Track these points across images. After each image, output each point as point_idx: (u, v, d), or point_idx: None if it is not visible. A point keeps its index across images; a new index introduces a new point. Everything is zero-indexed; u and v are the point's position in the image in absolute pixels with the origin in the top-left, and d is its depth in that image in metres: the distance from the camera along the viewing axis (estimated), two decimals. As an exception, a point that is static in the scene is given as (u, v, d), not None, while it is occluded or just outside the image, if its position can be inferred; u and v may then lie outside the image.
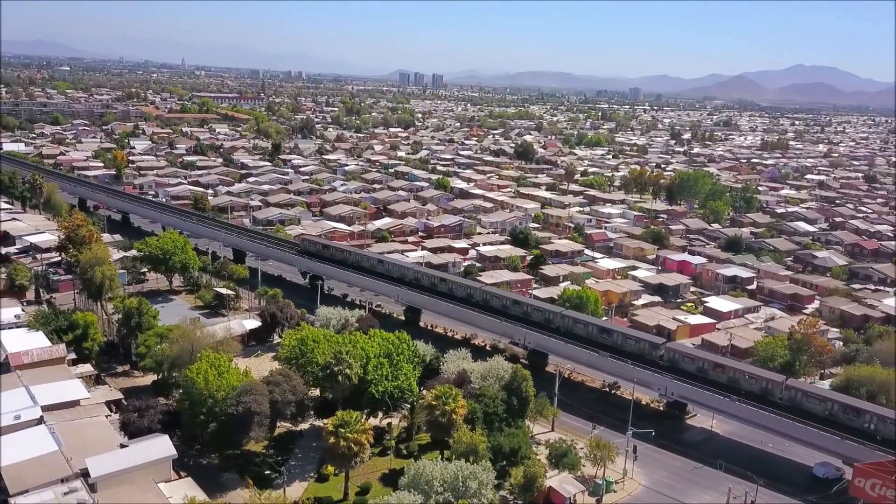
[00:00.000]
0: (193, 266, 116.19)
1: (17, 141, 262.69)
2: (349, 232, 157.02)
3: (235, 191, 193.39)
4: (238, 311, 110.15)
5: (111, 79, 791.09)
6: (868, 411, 72.03)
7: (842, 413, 72.70)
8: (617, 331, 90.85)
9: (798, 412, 74.50)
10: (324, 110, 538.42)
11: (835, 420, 72.78)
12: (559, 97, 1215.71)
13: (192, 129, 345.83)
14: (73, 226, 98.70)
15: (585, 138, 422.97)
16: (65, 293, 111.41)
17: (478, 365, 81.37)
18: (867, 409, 72.75)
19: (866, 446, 69.21)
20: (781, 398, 76.67)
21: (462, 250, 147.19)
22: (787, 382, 78.00)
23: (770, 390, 77.65)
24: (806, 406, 74.83)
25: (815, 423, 72.93)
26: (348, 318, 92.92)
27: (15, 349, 79.73)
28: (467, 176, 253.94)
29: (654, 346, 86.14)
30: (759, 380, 78.99)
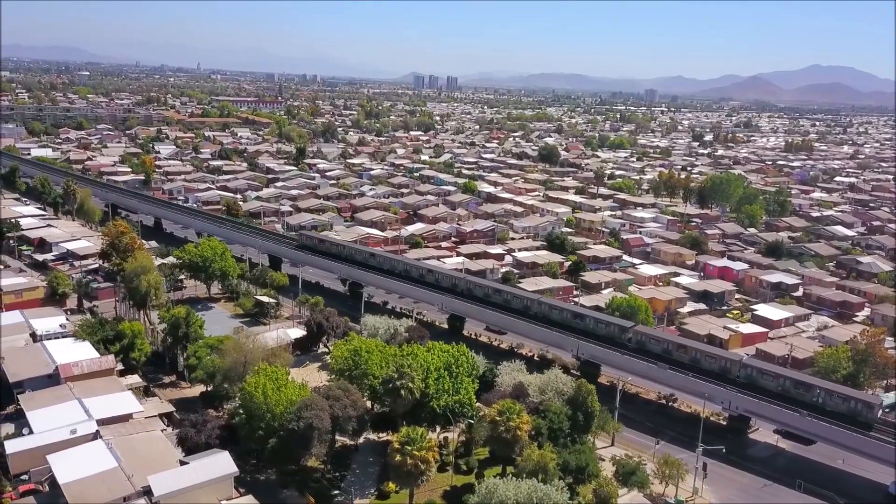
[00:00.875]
0: (232, 273, 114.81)
1: (44, 146, 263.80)
2: (383, 238, 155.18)
3: (264, 196, 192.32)
4: (279, 320, 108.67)
5: (130, 83, 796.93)
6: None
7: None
8: (691, 346, 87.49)
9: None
10: (342, 114, 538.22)
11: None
12: (574, 99, 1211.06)
13: (215, 133, 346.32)
14: (117, 233, 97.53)
15: (608, 141, 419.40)
16: (104, 301, 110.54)
17: (534, 377, 79.14)
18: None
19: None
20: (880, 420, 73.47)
21: (498, 256, 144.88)
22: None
23: (858, 411, 73.66)
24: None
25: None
26: (397, 327, 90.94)
27: (64, 360, 78.51)
28: (493, 179, 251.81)
29: (727, 362, 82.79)
30: (848, 399, 74.83)
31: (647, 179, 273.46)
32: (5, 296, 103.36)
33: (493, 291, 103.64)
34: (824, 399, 75.02)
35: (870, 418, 73.01)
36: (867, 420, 72.80)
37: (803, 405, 75.02)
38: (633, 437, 78.82)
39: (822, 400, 75.17)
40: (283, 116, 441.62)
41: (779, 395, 77.01)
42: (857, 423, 72.51)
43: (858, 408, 73.84)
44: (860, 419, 73.01)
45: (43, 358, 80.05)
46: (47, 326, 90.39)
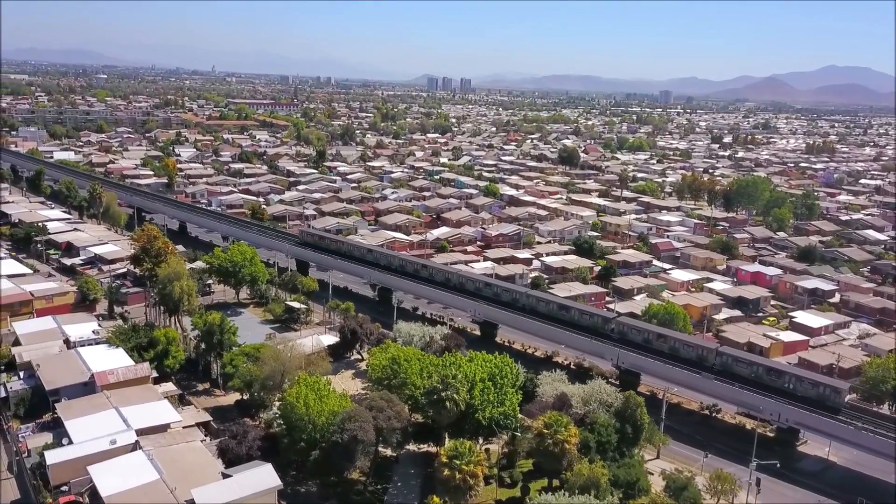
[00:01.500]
0: (262, 279, 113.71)
1: (66, 149, 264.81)
2: (409, 242, 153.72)
3: (287, 199, 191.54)
4: (309, 326, 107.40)
5: (147, 86, 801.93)
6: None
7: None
8: (669, 335, 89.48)
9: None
10: (359, 116, 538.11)
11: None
12: (588, 100, 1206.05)
13: (233, 135, 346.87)
14: (148, 238, 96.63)
15: (626, 143, 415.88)
16: (134, 305, 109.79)
17: (576, 388, 77.17)
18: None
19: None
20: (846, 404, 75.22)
21: (526, 261, 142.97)
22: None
23: (827, 395, 75.67)
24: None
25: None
26: (432, 335, 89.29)
27: (99, 368, 77.53)
28: (514, 182, 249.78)
29: (704, 350, 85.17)
30: (817, 385, 77.02)
31: (669, 182, 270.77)
32: (36, 301, 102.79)
33: (526, 297, 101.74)
34: (795, 385, 77.92)
35: (837, 402, 76.09)
36: (835, 404, 75.70)
37: (775, 391, 78.01)
38: (678, 450, 76.60)
39: (792, 386, 78.02)
40: (301, 119, 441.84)
41: (752, 382, 79.79)
42: (826, 408, 75.29)
43: (827, 393, 76.65)
44: (828, 403, 75.72)
45: (78, 365, 79.15)
46: (80, 333, 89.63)
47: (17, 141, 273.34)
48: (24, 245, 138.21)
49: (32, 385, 77.65)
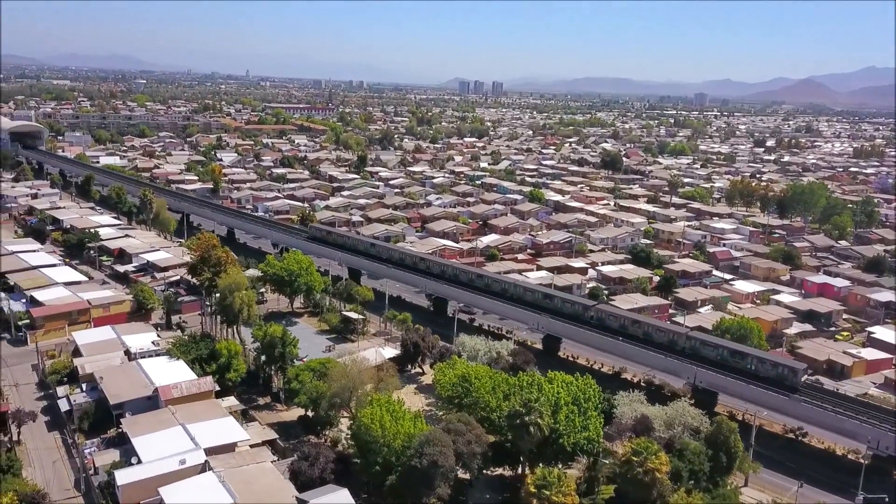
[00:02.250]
0: (317, 288, 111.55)
1: (111, 154, 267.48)
2: (458, 249, 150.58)
3: (333, 205, 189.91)
4: (366, 336, 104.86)
5: (184, 91, 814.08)
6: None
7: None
8: (643, 321, 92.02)
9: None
10: (394, 120, 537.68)
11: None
12: (622, 103, 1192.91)
13: (272, 140, 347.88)
14: (206, 247, 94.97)
15: (668, 147, 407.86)
16: (188, 314, 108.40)
17: (657, 410, 73.12)
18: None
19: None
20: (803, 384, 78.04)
21: (581, 270, 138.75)
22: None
23: (785, 376, 78.56)
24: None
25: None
26: (499, 350, 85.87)
27: (163, 381, 75.72)
28: (558, 187, 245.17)
29: (674, 335, 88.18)
30: (777, 366, 79.89)
31: (716, 187, 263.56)
32: (93, 309, 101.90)
33: (594, 311, 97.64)
34: (756, 366, 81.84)
35: (794, 382, 79.62)
36: (792, 384, 79.31)
37: (739, 372, 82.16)
38: (768, 478, 71.93)
39: (754, 367, 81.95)
40: (338, 124, 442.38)
41: (719, 364, 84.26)
42: (784, 387, 78.88)
43: (785, 373, 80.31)
44: (786, 383, 79.39)
45: (140, 378, 77.48)
46: (140, 344, 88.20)
47: (64, 146, 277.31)
48: (76, 251, 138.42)
49: (95, 398, 76.17)
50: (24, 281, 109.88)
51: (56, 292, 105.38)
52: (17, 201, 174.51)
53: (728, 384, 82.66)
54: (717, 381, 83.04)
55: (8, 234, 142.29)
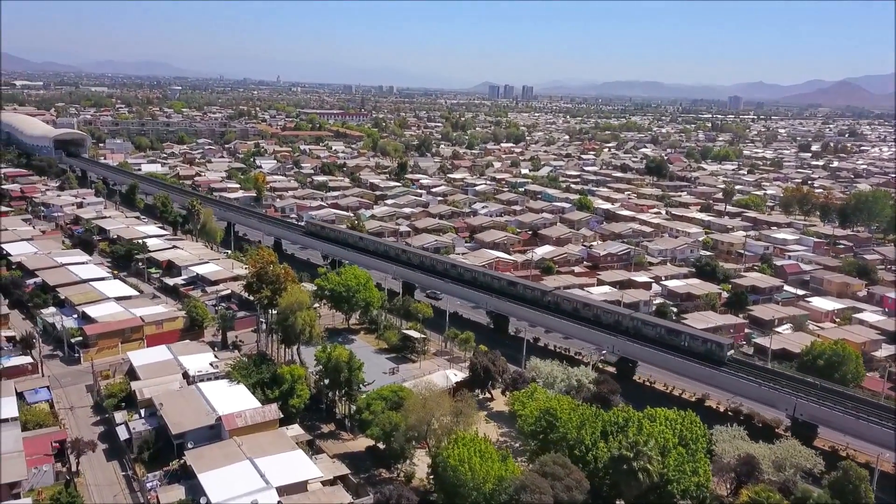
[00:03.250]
0: (376, 304, 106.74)
1: (152, 161, 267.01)
2: (513, 262, 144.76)
3: (379, 214, 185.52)
4: (427, 356, 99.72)
5: (218, 97, 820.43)
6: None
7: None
8: (593, 303, 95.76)
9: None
10: (428, 126, 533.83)
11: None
12: (654, 107, 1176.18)
13: (309, 146, 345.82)
14: (264, 262, 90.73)
15: (711, 152, 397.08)
16: (242, 330, 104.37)
17: (762, 448, 66.53)
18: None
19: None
20: None
21: (645, 284, 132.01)
22: None
23: (713, 351, 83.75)
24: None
25: None
26: (580, 378, 79.87)
27: (226, 409, 71.30)
28: (605, 195, 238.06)
29: (619, 315, 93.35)
30: (706, 342, 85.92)
31: (768, 195, 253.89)
32: (146, 326, 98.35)
33: (671, 333, 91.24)
34: (689, 343, 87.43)
35: (721, 356, 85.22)
36: (719, 358, 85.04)
37: (674, 348, 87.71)
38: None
39: (687, 343, 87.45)
40: (374, 129, 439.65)
41: (657, 341, 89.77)
42: (713, 361, 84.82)
43: (713, 348, 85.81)
44: (714, 358, 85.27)
45: (201, 405, 73.20)
46: (198, 365, 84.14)
47: (105, 153, 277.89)
48: (124, 262, 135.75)
49: (155, 426, 72.12)
50: (76, 296, 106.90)
51: (108, 308, 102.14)
52: (62, 210, 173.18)
53: (834, 418, 75.74)
54: (821, 413, 76.02)
55: (56, 244, 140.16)
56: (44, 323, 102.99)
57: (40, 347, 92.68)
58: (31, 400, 77.75)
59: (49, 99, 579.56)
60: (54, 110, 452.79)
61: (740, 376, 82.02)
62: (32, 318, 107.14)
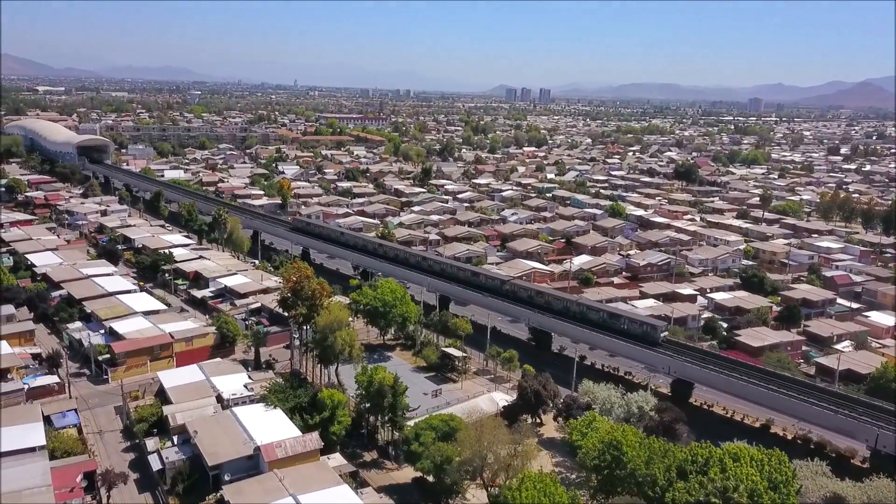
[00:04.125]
0: (413, 319, 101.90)
1: (175, 167, 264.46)
2: (549, 272, 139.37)
3: (406, 222, 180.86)
4: (468, 375, 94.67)
5: (237, 101, 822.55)
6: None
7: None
8: (546, 292, 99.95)
9: None
10: (448, 130, 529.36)
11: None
12: (673, 109, 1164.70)
13: (331, 151, 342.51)
14: (300, 278, 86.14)
15: (739, 155, 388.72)
16: (274, 346, 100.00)
17: (850, 487, 60.64)
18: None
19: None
20: None
21: (690, 297, 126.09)
22: None
23: (648, 333, 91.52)
24: None
25: None
26: (641, 405, 74.33)
27: (264, 438, 66.65)
28: (636, 200, 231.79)
29: (567, 302, 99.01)
30: (642, 324, 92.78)
31: (804, 200, 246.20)
32: (176, 343, 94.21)
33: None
34: (628, 326, 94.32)
35: (655, 338, 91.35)
36: (654, 339, 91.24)
37: (616, 331, 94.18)
38: None
39: (626, 326, 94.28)
40: (395, 134, 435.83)
41: (600, 325, 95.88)
42: (648, 342, 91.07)
43: (648, 330, 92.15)
44: (649, 339, 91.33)
45: (238, 433, 68.63)
46: (231, 387, 79.72)
47: (128, 159, 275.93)
48: (150, 273, 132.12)
49: (189, 455, 67.65)
50: (102, 310, 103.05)
51: (136, 323, 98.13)
52: (86, 218, 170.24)
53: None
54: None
55: (81, 255, 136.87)
56: (70, 338, 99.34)
57: (67, 366, 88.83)
58: (59, 424, 73.69)
59: (71, 104, 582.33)
60: (76, 116, 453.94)
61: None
62: (58, 332, 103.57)
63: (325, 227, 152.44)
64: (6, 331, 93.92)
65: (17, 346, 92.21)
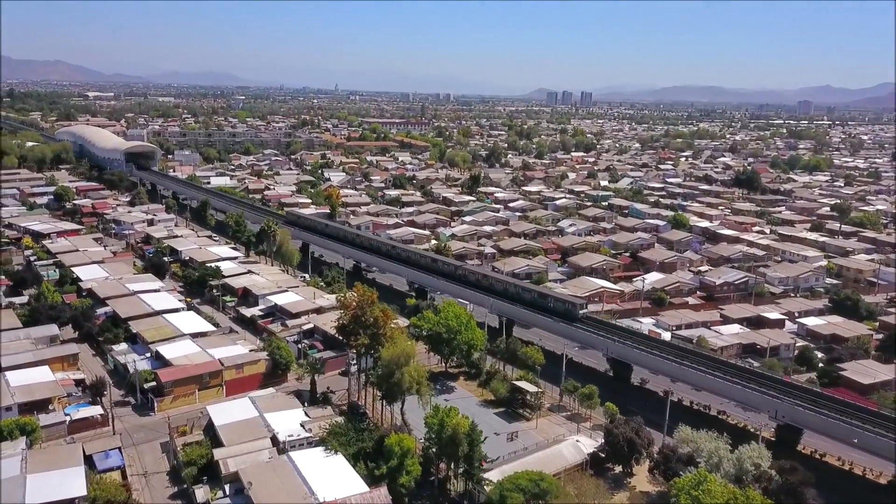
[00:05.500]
0: (478, 346, 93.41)
1: (221, 174, 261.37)
2: (619, 292, 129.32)
3: (459, 234, 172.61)
4: (541, 412, 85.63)
5: (280, 106, 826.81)
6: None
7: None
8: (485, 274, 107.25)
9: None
10: (491, 134, 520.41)
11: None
12: (719, 112, 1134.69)
13: (376, 157, 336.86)
14: (362, 302, 78.19)
15: (800, 161, 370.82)
16: (330, 373, 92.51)
17: None
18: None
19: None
20: None
21: (777, 322, 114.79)
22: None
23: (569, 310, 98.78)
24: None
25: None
26: (757, 461, 64.26)
27: (327, 493, 58.83)
28: (698, 210, 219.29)
29: (499, 282, 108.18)
30: (564, 302, 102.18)
31: (879, 211, 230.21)
32: (226, 371, 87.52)
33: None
34: (554, 304, 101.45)
35: (575, 314, 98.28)
36: (574, 315, 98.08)
37: (544, 309, 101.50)
38: None
39: (553, 305, 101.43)
40: (439, 139, 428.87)
41: (531, 303, 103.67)
42: (569, 318, 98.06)
43: (569, 307, 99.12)
44: (570, 315, 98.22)
45: (297, 485, 60.92)
46: (287, 427, 72.24)
47: (175, 165, 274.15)
48: (197, 289, 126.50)
49: (243, 509, 60.32)
50: (148, 331, 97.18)
51: (183, 347, 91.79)
52: (133, 228, 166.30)
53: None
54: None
55: (127, 268, 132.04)
56: (115, 361, 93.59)
57: (111, 394, 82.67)
58: (101, 467, 67.11)
59: (119, 110, 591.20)
60: (124, 121, 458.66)
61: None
62: (102, 353, 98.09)
63: (377, 240, 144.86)
64: (49, 354, 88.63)
65: (60, 371, 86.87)
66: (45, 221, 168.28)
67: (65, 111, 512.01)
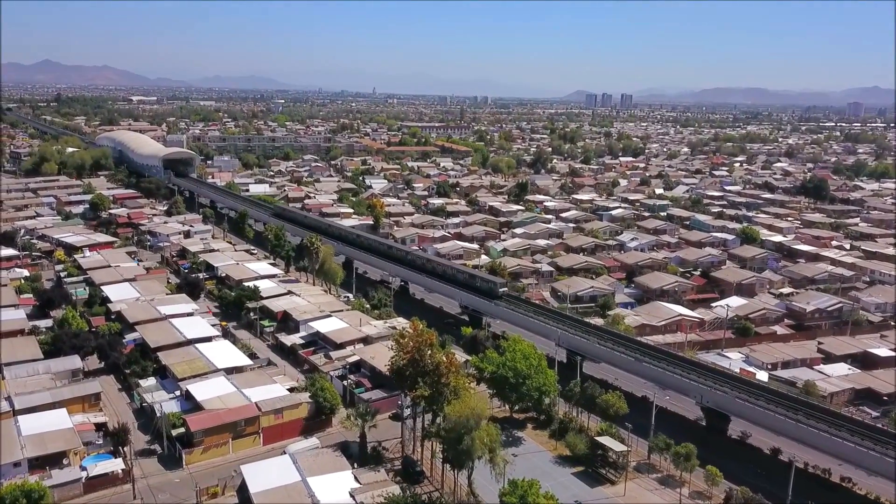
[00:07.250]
0: (551, 391, 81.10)
1: (260, 181, 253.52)
2: (698, 320, 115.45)
3: (511, 248, 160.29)
4: (628, 473, 72.88)
5: (319, 109, 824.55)
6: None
7: None
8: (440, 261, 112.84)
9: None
10: (533, 138, 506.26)
11: None
12: (765, 115, 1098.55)
13: (416, 163, 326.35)
14: (420, 344, 66.49)
15: (866, 167, 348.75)
16: (379, 418, 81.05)
17: None
18: None
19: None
20: None
21: (887, 360, 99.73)
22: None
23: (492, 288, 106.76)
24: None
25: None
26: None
27: None
28: (766, 222, 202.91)
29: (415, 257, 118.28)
30: (487, 281, 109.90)
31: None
32: (263, 416, 76.90)
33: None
34: (479, 283, 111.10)
35: (496, 292, 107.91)
36: (495, 293, 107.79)
37: (470, 288, 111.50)
38: None
39: (479, 284, 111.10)
40: (480, 144, 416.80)
41: (465, 285, 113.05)
42: (491, 296, 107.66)
43: (491, 286, 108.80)
44: (493, 293, 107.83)
45: (349, 582, 49.58)
46: (333, 495, 61.04)
47: (213, 172, 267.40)
48: (233, 311, 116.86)
49: None
50: (179, 365, 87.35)
51: (217, 387, 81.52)
52: (169, 240, 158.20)
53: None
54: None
55: (160, 286, 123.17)
56: (141, 399, 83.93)
57: (132, 444, 72.67)
58: (118, 543, 56.91)
59: (161, 114, 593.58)
60: (165, 126, 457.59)
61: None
62: (128, 388, 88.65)
63: (426, 257, 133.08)
64: (68, 394, 79.09)
65: (80, 413, 77.36)
66: (79, 233, 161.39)
67: (108, 116, 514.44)
